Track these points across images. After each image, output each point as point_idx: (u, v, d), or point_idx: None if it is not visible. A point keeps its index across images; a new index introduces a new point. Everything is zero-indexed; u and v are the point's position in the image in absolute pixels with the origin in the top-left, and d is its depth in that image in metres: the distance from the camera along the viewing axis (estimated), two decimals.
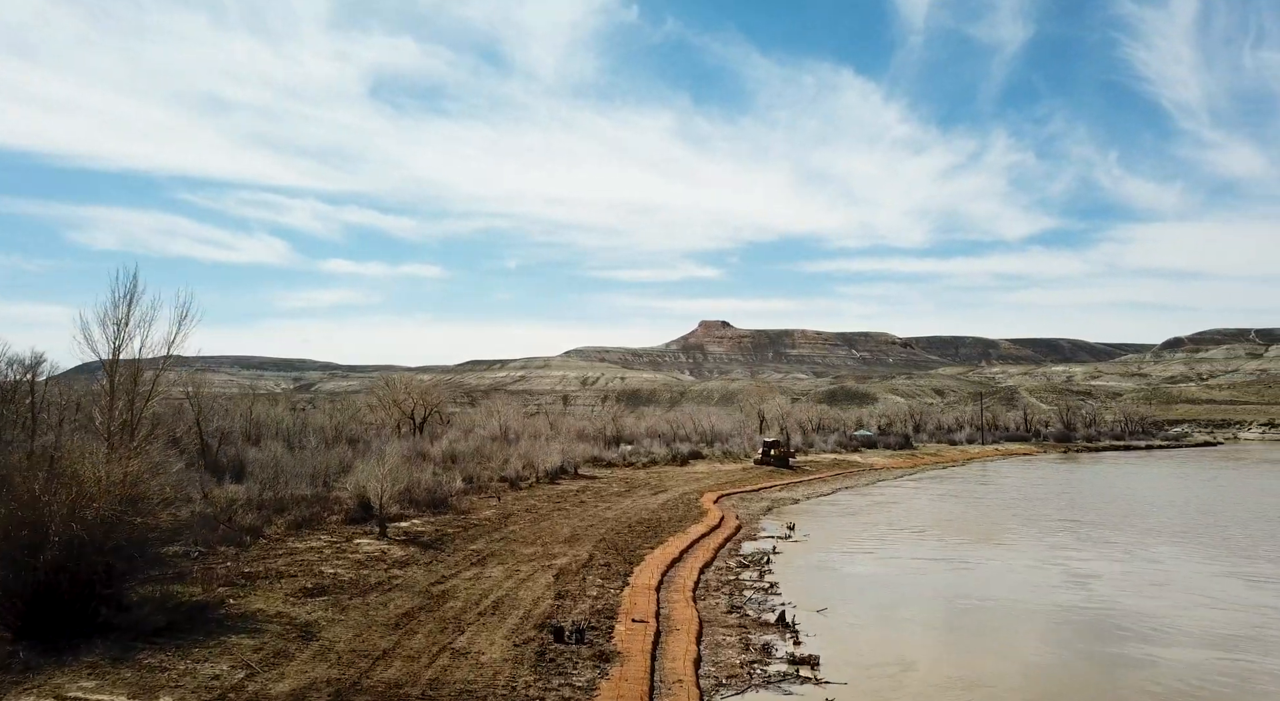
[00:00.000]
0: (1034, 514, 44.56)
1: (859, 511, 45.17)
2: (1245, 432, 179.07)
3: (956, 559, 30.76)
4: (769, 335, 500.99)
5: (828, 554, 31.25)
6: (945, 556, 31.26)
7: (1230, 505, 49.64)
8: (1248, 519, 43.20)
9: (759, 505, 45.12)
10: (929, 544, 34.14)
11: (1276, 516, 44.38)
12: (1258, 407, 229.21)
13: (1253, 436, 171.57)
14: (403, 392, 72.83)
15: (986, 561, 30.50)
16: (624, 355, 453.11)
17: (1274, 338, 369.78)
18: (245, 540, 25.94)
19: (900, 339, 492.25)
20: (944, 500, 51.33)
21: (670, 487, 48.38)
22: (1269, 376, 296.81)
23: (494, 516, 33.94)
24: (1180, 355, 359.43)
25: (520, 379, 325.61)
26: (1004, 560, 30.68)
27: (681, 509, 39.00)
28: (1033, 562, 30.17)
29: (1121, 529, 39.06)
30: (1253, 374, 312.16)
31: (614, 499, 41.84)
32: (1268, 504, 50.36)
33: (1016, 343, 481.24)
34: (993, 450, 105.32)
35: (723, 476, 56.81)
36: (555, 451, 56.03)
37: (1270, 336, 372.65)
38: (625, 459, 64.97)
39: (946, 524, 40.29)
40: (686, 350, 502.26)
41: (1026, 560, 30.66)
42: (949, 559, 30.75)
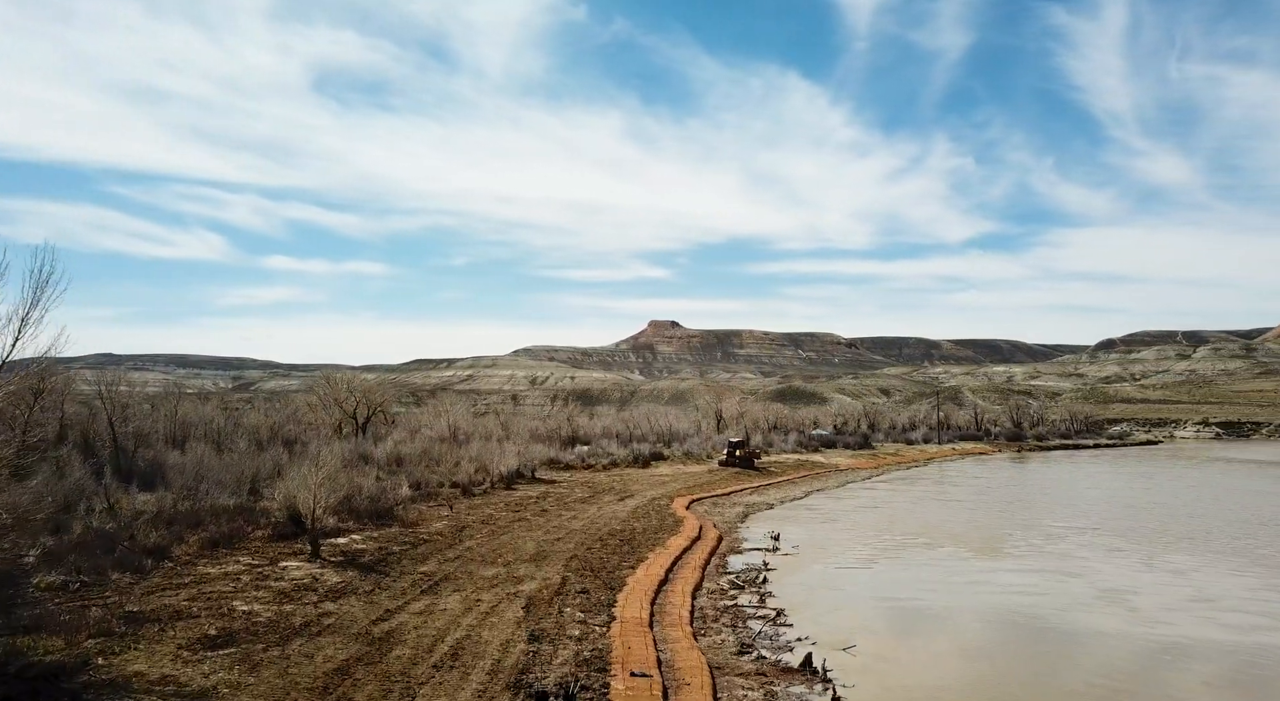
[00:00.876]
0: (1027, 519, 41.58)
1: (839, 517, 41.73)
2: (1181, 431, 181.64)
3: (969, 573, 27.35)
4: (718, 335, 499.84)
5: (825, 569, 27.58)
6: (956, 570, 27.82)
7: (1213, 506, 47.42)
8: (1241, 521, 40.83)
9: (733, 511, 41.39)
10: (930, 554, 30.73)
11: (1272, 519, 42.17)
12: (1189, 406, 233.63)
13: (1188, 434, 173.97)
14: (344, 391, 67.70)
15: (1001, 574, 27.13)
16: (574, 354, 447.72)
17: (1200, 340, 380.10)
18: (146, 564, 21.25)
19: (845, 339, 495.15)
20: (924, 503, 48.22)
21: (636, 492, 44.41)
22: (1198, 377, 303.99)
23: (447, 529, 29.56)
24: (1114, 356, 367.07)
25: (468, 378, 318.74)
26: (1022, 575, 27.30)
27: (654, 517, 35.04)
28: (1054, 576, 26.86)
29: (1126, 535, 36.17)
30: (1182, 374, 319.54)
31: (579, 506, 37.70)
32: (1250, 504, 48.32)
33: (957, 343, 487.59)
34: (950, 449, 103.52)
35: (689, 479, 53.02)
36: (511, 453, 51.67)
37: (1196, 338, 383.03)
38: (584, 461, 60.82)
39: (938, 531, 36.98)
40: (636, 350, 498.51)
41: (1046, 574, 27.34)
42: (960, 573, 27.31)
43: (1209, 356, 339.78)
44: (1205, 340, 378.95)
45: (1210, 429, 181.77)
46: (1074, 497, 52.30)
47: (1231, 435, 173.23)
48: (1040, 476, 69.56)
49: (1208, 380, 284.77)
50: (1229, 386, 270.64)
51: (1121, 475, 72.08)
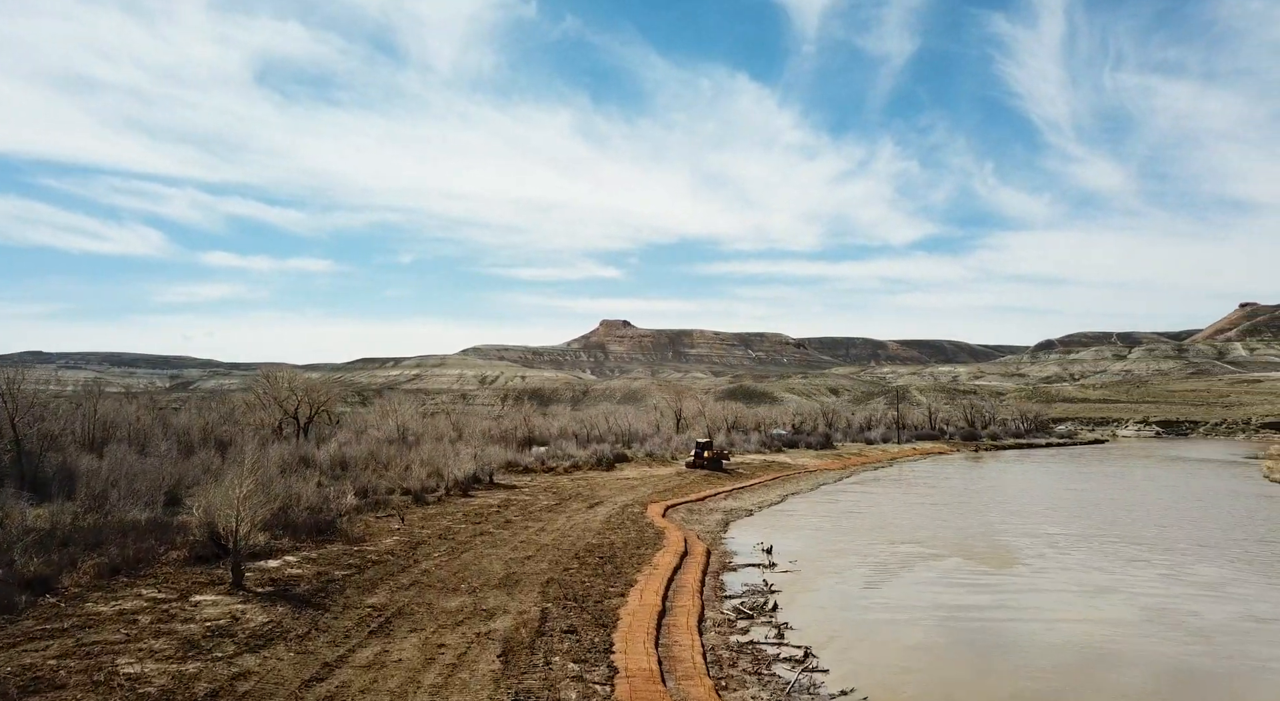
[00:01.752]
0: (1020, 525, 38.76)
1: (823, 524, 38.43)
2: (1123, 430, 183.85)
3: (995, 591, 24.10)
4: (669, 335, 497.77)
5: (834, 589, 24.10)
6: (976, 587, 24.56)
7: (1200, 509, 45.36)
8: (1233, 526, 38.59)
9: (712, 518, 37.82)
10: (939, 567, 27.52)
11: (1265, 521, 40.06)
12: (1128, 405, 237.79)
13: (1130, 433, 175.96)
14: (285, 389, 62.66)
15: (1031, 594, 23.93)
16: (524, 354, 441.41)
17: (1133, 341, 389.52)
18: (19, 601, 16.83)
19: (794, 339, 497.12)
20: (906, 508, 45.24)
21: (606, 499, 40.58)
22: (1134, 377, 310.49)
23: (398, 546, 25.40)
24: (1054, 356, 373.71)
25: (415, 377, 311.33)
26: (1057, 595, 24.12)
27: (631, 527, 31.27)
28: (1091, 595, 23.73)
29: (1133, 542, 33.45)
30: (1119, 374, 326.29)
31: (546, 515, 33.74)
32: (1233, 507, 46.37)
33: (903, 344, 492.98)
34: (910, 449, 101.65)
35: (658, 482, 49.35)
36: (466, 456, 47.44)
37: (1130, 340, 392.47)
38: (544, 463, 56.76)
39: (934, 539, 33.86)
40: (588, 349, 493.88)
41: (1083, 593, 24.21)
42: (984, 590, 24.05)
43: (1143, 357, 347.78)
44: (1138, 341, 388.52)
45: (1150, 428, 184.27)
46: (1054, 500, 49.91)
47: (1170, 433, 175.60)
48: (1009, 477, 67.43)
49: (1143, 380, 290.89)
50: (1164, 386, 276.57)
51: (1088, 475, 70.37)
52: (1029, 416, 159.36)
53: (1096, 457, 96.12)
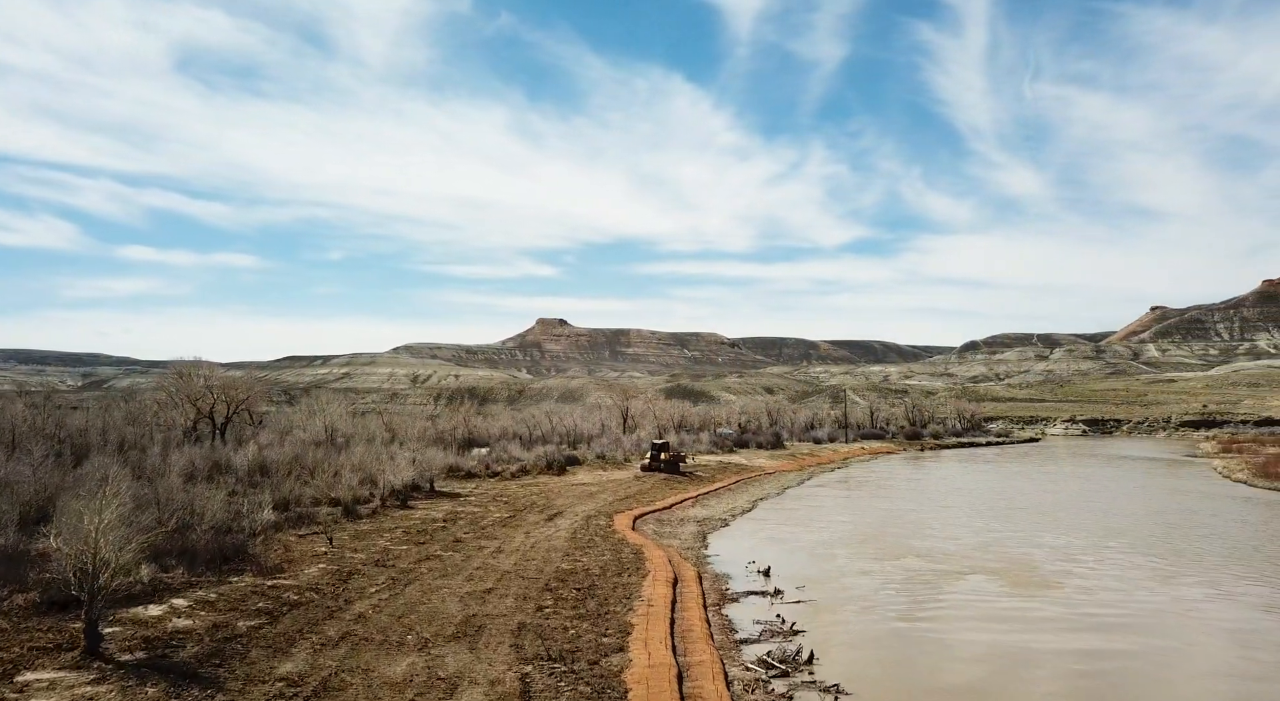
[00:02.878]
0: (1024, 535, 35.23)
1: (809, 535, 34.27)
2: (1051, 428, 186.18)
3: (1055, 627, 20.10)
4: (606, 334, 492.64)
5: (869, 626, 19.74)
6: (1035, 623, 20.54)
7: (1185, 514, 42.79)
8: (1245, 533, 35.87)
9: (686, 530, 33.34)
10: (966, 588, 23.47)
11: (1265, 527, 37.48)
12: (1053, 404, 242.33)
13: (1058, 432, 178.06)
14: (200, 386, 56.17)
15: (1126, 631, 20.04)
16: (458, 352, 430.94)
17: (1053, 342, 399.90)
18: None
19: (729, 339, 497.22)
20: (891, 517, 41.45)
21: (565, 508, 35.75)
22: (1056, 377, 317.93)
23: (325, 577, 20.21)
24: (980, 357, 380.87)
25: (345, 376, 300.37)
26: (1135, 635, 20.25)
27: (603, 546, 26.56)
28: (1160, 626, 19.97)
29: (1160, 554, 30.09)
30: (1042, 374, 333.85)
31: (501, 531, 28.75)
32: (1217, 511, 43.98)
33: (834, 344, 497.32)
34: (859, 448, 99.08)
35: (617, 488, 44.68)
36: (404, 461, 42.10)
37: (1049, 341, 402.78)
38: (489, 467, 51.54)
39: (942, 553, 29.96)
40: (524, 348, 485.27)
41: (1159, 630, 20.45)
42: (1046, 627, 20.05)
43: (1064, 358, 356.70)
44: (1058, 343, 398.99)
45: (1077, 426, 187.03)
46: (1034, 503, 46.85)
47: (1096, 432, 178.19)
48: (971, 479, 64.65)
49: (1065, 380, 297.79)
50: (1085, 385, 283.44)
51: (1045, 476, 68.14)
52: (966, 416, 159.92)
53: (1041, 457, 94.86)
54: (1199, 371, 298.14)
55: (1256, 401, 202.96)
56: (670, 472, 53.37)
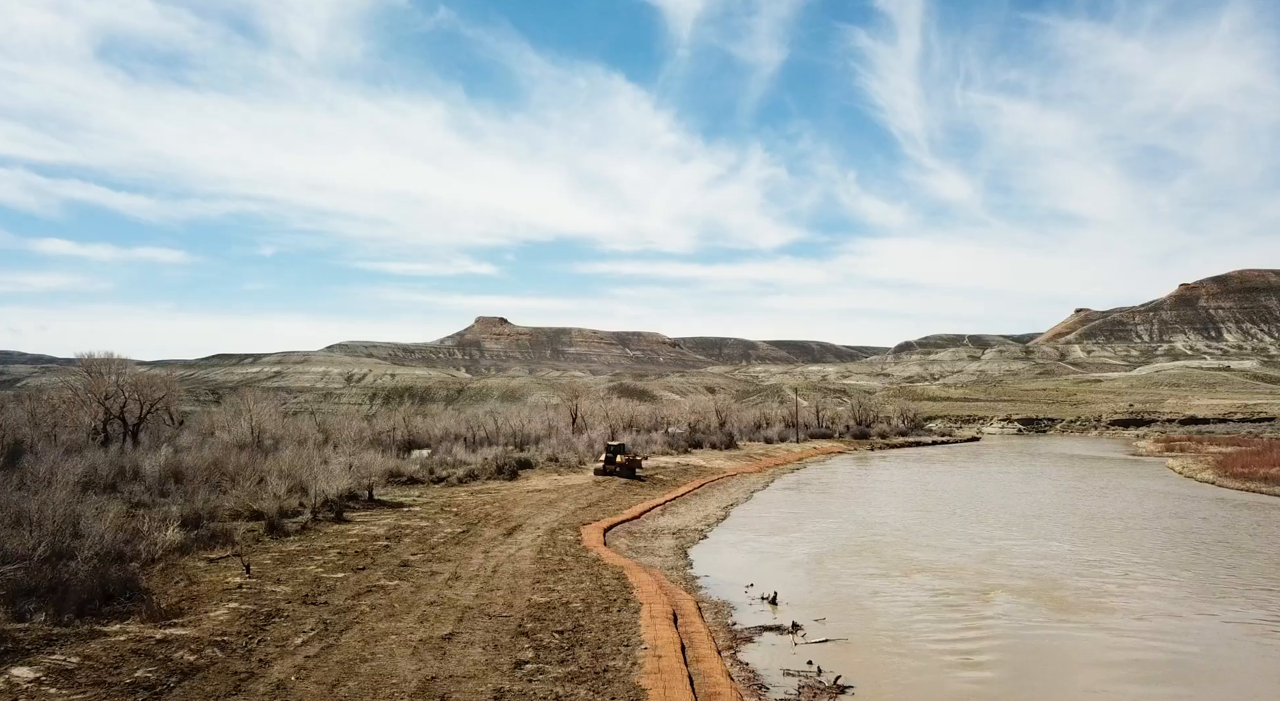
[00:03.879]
0: (1026, 545, 32.27)
1: (797, 547, 30.70)
2: (988, 427, 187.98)
3: (1165, 664, 16.81)
4: (547, 333, 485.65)
5: (927, 679, 16.02)
6: (1133, 667, 17.21)
7: (1174, 518, 40.63)
8: (1252, 541, 33.57)
9: (663, 544, 29.45)
10: (1001, 613, 20.12)
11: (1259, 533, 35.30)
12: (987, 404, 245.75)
13: (994, 430, 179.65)
14: (111, 384, 50.36)
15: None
16: (394, 350, 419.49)
17: (983, 343, 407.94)
18: None
19: (670, 339, 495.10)
20: (874, 525, 38.22)
21: (524, 520, 31.50)
22: (989, 377, 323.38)
23: (235, 623, 15.70)
24: (915, 357, 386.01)
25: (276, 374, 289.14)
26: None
27: (576, 567, 22.47)
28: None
29: (1190, 567, 27.34)
30: (974, 374, 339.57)
31: (455, 551, 24.41)
32: (1204, 514, 41.96)
33: (773, 344, 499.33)
34: (812, 448, 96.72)
35: (577, 496, 40.56)
36: (339, 466, 37.34)
37: (980, 342, 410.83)
38: (433, 472, 46.82)
39: (952, 567, 26.66)
40: (462, 346, 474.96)
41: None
42: (1135, 678, 16.71)
43: (995, 358, 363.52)
44: (988, 344, 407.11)
45: (1013, 425, 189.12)
46: (1012, 505, 44.22)
47: (1031, 430, 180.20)
48: (936, 479, 62.19)
49: (997, 380, 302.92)
50: (1017, 385, 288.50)
51: (1008, 475, 66.15)
52: (908, 415, 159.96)
53: (992, 455, 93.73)
54: (1123, 372, 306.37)
55: (1179, 400, 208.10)
56: (627, 477, 49.42)
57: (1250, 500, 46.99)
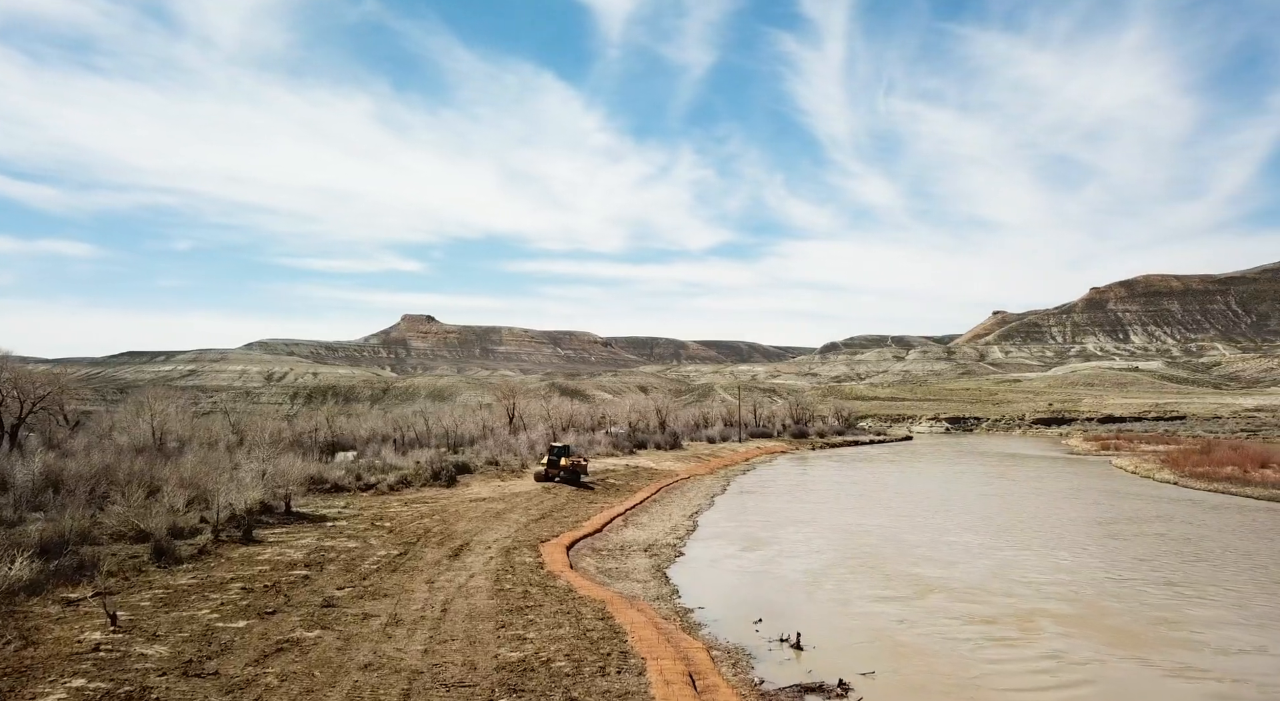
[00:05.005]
0: (1033, 558, 28.98)
1: (791, 562, 26.74)
2: (916, 426, 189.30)
3: None
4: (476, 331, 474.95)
5: None
6: None
7: (1163, 522, 38.22)
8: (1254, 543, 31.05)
9: (636, 564, 25.09)
10: (1118, 674, 16.45)
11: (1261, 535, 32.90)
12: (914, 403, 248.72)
13: (923, 429, 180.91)
14: None
15: None
16: (317, 349, 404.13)
17: (906, 344, 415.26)
18: None
19: (602, 338, 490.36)
20: (856, 533, 34.53)
21: (471, 537, 26.70)
22: (913, 377, 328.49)
23: None
24: (841, 357, 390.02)
25: (191, 373, 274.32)
26: None
27: (547, 602, 17.92)
28: None
29: (1221, 583, 24.28)
30: (899, 374, 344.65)
31: (392, 582, 19.56)
32: (1189, 517, 39.72)
33: (703, 344, 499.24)
34: (755, 448, 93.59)
35: (526, 505, 35.83)
36: (250, 472, 31.93)
37: (903, 343, 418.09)
38: (360, 478, 41.43)
39: (968, 586, 23.01)
40: (388, 345, 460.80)
41: None
42: None
43: (919, 359, 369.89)
44: (911, 345, 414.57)
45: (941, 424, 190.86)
46: (988, 510, 41.30)
47: (959, 429, 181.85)
48: (896, 480, 59.31)
49: (922, 380, 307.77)
50: (941, 385, 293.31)
51: (961, 475, 63.84)
52: (842, 414, 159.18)
53: (935, 455, 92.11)
54: (1039, 372, 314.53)
55: (1095, 400, 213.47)
56: (572, 483, 44.28)
57: (1221, 501, 45.13)
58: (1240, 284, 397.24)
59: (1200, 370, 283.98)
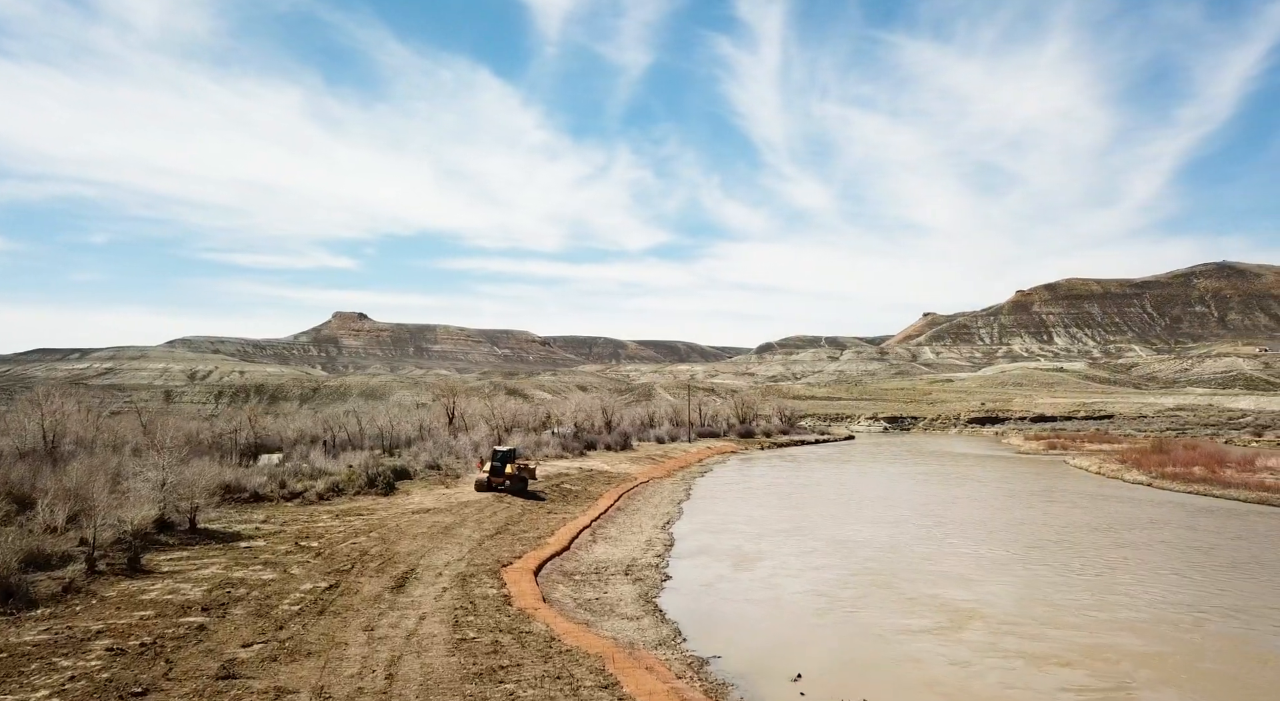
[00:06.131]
0: (1052, 576, 25.60)
1: (796, 583, 22.78)
2: (855, 425, 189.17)
3: None
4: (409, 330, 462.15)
5: None
6: None
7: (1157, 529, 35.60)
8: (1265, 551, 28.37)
9: (618, 593, 20.75)
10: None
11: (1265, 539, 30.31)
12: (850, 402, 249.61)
13: (861, 428, 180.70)
14: None
15: None
16: (243, 347, 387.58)
17: (840, 345, 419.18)
18: None
19: (540, 337, 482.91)
20: (861, 546, 30.81)
21: (418, 560, 21.97)
22: (848, 376, 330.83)
23: None
24: (777, 357, 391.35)
25: (108, 371, 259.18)
26: None
27: (530, 663, 13.46)
28: None
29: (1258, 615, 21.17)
30: (834, 374, 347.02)
31: (319, 631, 14.82)
32: (1183, 522, 37.23)
33: (641, 344, 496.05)
34: (706, 448, 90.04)
35: (478, 517, 31.09)
36: (149, 482, 26.58)
37: (837, 343, 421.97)
38: (284, 485, 36.06)
39: (1001, 616, 19.38)
40: (318, 343, 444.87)
41: None
42: None
43: (853, 359, 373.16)
44: (844, 345, 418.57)
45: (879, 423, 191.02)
46: (980, 518, 38.22)
47: (896, 428, 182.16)
48: (856, 482, 56.16)
49: (857, 379, 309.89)
50: (876, 384, 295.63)
51: (932, 479, 61.19)
52: (785, 413, 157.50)
53: (885, 455, 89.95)
54: (969, 372, 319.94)
55: (1025, 399, 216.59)
56: (518, 494, 38.29)
57: (1206, 504, 42.97)
58: (1155, 288, 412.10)
59: (1120, 371, 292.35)
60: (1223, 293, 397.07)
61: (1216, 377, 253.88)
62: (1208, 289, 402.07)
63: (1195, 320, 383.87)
